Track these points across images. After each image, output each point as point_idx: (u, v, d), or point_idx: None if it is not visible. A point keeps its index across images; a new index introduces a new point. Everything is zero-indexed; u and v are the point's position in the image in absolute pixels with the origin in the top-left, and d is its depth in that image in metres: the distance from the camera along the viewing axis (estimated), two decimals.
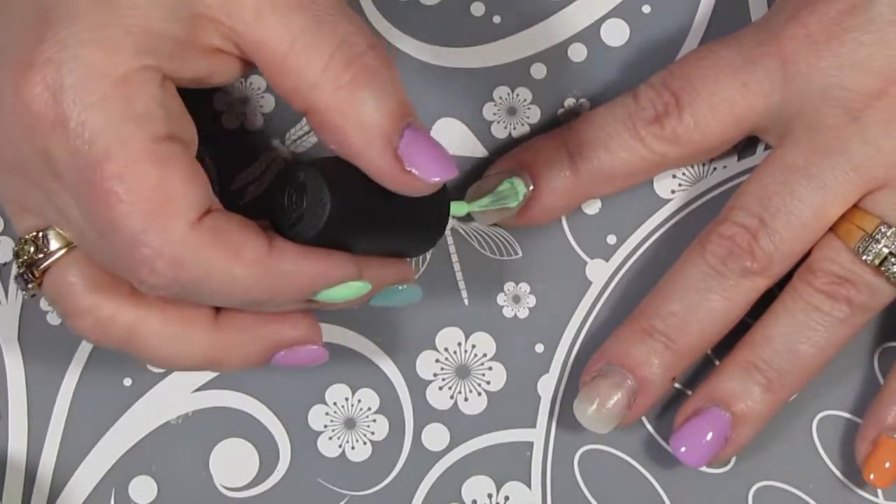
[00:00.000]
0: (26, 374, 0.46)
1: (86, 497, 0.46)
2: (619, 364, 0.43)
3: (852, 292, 0.42)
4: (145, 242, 0.35)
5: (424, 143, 0.37)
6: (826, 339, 0.43)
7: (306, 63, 0.36)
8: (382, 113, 0.37)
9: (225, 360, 0.39)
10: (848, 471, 0.46)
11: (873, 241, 0.42)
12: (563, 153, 0.44)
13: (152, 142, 0.35)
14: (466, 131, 0.47)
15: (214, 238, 0.36)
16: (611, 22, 0.47)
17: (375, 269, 0.39)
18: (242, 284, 0.36)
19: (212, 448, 0.46)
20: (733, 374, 0.43)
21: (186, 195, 0.35)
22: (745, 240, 0.42)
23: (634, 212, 0.47)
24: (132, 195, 0.35)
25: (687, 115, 0.43)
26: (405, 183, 0.37)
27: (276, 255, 0.37)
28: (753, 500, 0.46)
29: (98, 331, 0.38)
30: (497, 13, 0.47)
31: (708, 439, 0.43)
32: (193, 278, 0.36)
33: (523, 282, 0.46)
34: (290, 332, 0.40)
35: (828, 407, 0.46)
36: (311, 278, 0.37)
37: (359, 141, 0.37)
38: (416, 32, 0.47)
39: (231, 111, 0.47)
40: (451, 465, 0.46)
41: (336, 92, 0.36)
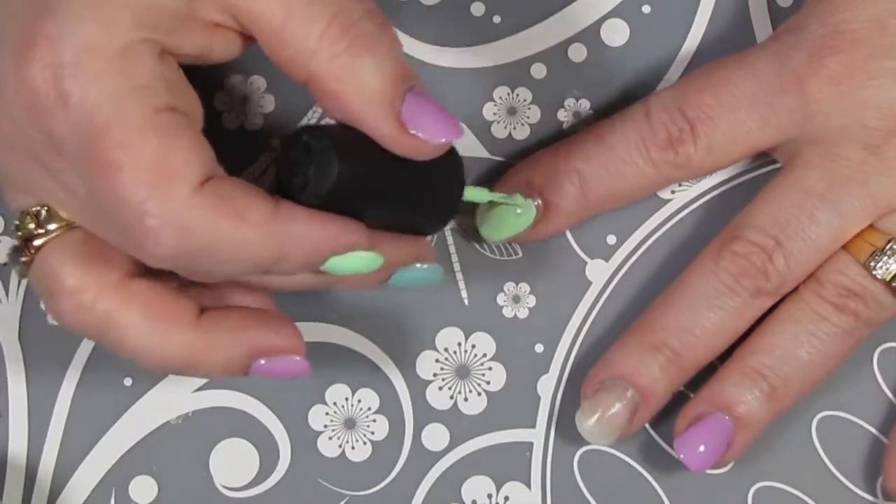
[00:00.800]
0: (26, 374, 0.46)
1: (86, 497, 0.46)
2: (623, 378, 0.43)
3: (860, 306, 0.43)
4: (149, 211, 0.35)
5: (427, 105, 0.37)
6: (831, 349, 0.43)
7: (303, 33, 0.36)
8: (382, 77, 0.36)
9: (203, 361, 0.38)
10: (848, 471, 0.46)
11: (884, 257, 0.42)
12: (574, 177, 0.44)
13: (153, 112, 0.35)
14: (466, 131, 0.47)
15: (219, 202, 0.35)
16: (611, 22, 0.47)
17: (389, 243, 0.39)
18: (249, 248, 0.36)
19: (212, 448, 0.46)
20: (737, 380, 0.43)
21: (188, 162, 0.35)
22: (760, 260, 0.43)
23: (634, 212, 0.46)
24: (133, 164, 0.35)
25: (702, 143, 0.43)
26: (410, 146, 0.37)
27: (283, 216, 0.36)
28: (753, 500, 0.46)
29: (78, 315, 0.38)
30: (497, 13, 0.47)
31: (711, 445, 0.43)
32: (201, 245, 0.35)
33: (523, 282, 0.46)
34: (272, 339, 0.39)
35: (828, 407, 0.46)
36: (318, 241, 0.37)
37: (360, 106, 0.37)
38: (416, 32, 0.47)
39: (231, 111, 0.47)
40: (451, 465, 0.46)
41: (334, 59, 0.36)
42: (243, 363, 0.39)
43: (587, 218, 0.46)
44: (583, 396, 0.44)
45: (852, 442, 0.45)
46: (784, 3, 0.47)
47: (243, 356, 0.39)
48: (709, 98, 0.43)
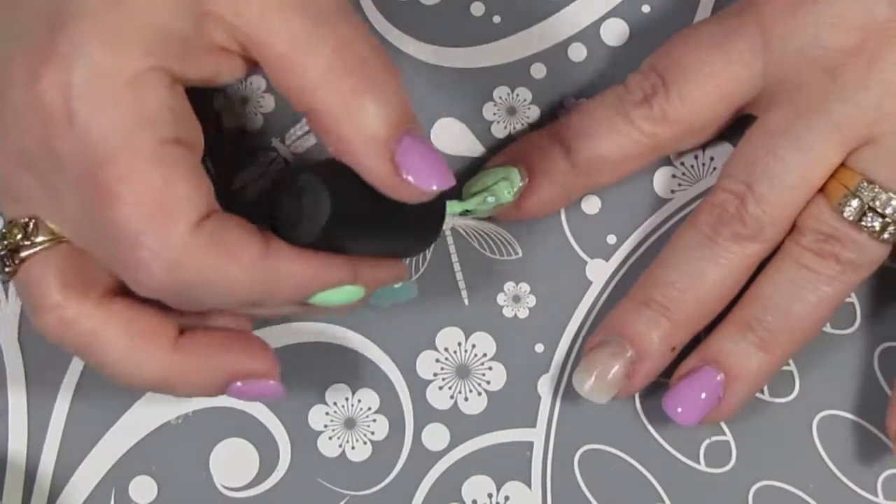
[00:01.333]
0: (26, 374, 0.46)
1: (86, 497, 0.46)
2: (618, 334, 0.44)
3: (838, 248, 0.42)
4: (144, 245, 0.35)
5: (422, 151, 0.37)
6: (817, 296, 0.43)
7: (309, 65, 0.37)
8: (381, 120, 0.37)
9: (179, 382, 0.39)
10: (848, 470, 0.46)
11: (853, 197, 0.42)
12: (557, 143, 0.44)
13: (158, 145, 0.35)
14: (466, 131, 0.47)
15: (212, 241, 0.36)
16: (611, 22, 0.47)
17: (370, 269, 0.39)
18: (238, 286, 0.37)
19: (212, 448, 0.46)
20: (726, 333, 0.43)
21: (189, 200, 0.36)
22: (733, 206, 0.43)
23: (634, 212, 0.47)
24: (135, 197, 0.35)
25: (674, 93, 0.43)
26: (401, 190, 0.38)
27: (273, 256, 0.37)
28: (753, 500, 0.46)
29: (60, 329, 0.38)
30: (497, 13, 0.47)
31: (701, 398, 0.43)
32: (190, 281, 0.36)
33: (523, 282, 0.46)
34: (248, 363, 0.40)
35: (828, 407, 0.46)
36: (306, 280, 0.38)
37: (357, 146, 0.37)
38: (416, 32, 0.47)
39: (231, 111, 0.47)
40: (451, 464, 0.46)
41: (337, 96, 0.37)
42: (220, 385, 0.39)
43: (580, 190, 0.45)
44: (582, 356, 0.44)
45: (853, 441, 0.45)
46: None
47: (220, 379, 0.39)
48: (676, 48, 0.44)
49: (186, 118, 0.37)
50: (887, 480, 0.46)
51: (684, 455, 0.46)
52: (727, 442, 0.46)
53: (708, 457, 0.46)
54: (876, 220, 0.42)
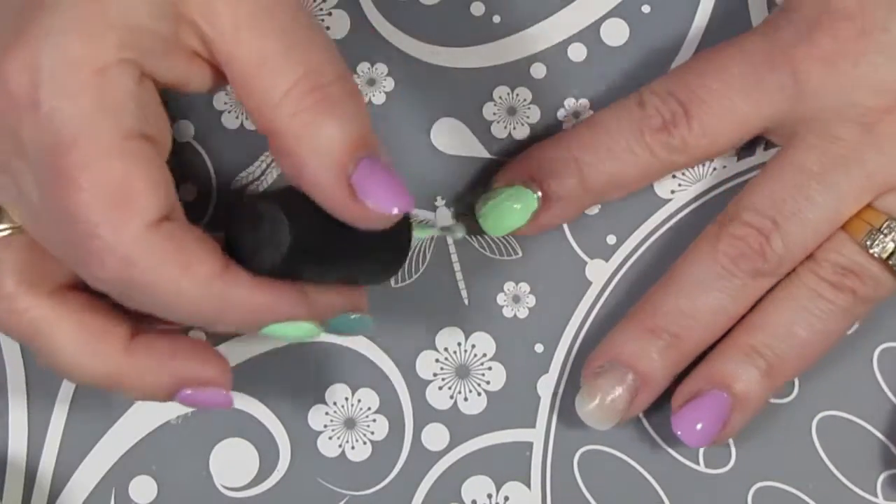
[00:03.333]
0: (26, 374, 0.46)
1: (86, 497, 0.46)
2: (623, 362, 0.44)
3: (857, 283, 0.43)
4: (99, 235, 0.35)
5: (381, 173, 0.37)
6: (827, 327, 0.43)
7: (271, 85, 0.36)
8: (338, 141, 0.36)
9: (127, 383, 0.38)
10: (848, 471, 0.46)
11: (881, 235, 0.42)
12: (571, 163, 0.44)
13: (121, 136, 0.35)
14: (466, 131, 0.47)
15: (168, 245, 0.35)
16: (611, 22, 0.47)
17: (328, 297, 0.39)
18: (188, 300, 0.36)
19: (212, 448, 0.46)
20: (734, 357, 0.43)
21: (147, 195, 0.35)
22: (757, 241, 0.43)
23: (634, 212, 0.47)
24: (93, 186, 0.35)
25: (696, 124, 0.43)
26: (358, 214, 0.37)
27: (228, 278, 0.36)
28: (753, 500, 0.46)
29: (10, 319, 0.38)
30: (497, 13, 0.47)
31: (708, 422, 0.43)
32: (140, 281, 0.36)
33: (523, 282, 0.46)
34: (198, 370, 0.39)
35: (828, 407, 0.46)
36: (258, 310, 0.37)
37: (313, 167, 0.36)
38: (416, 32, 0.47)
39: (231, 111, 0.47)
40: (451, 465, 0.46)
41: (294, 116, 0.36)
42: (168, 390, 0.39)
43: (588, 207, 0.46)
44: (583, 381, 0.44)
45: (852, 442, 0.45)
46: None
47: (169, 384, 0.39)
48: (700, 80, 0.43)
49: (155, 115, 0.37)
50: (887, 480, 0.46)
51: (684, 455, 0.46)
52: (727, 442, 0.46)
53: (707, 457, 0.46)
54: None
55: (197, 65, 0.37)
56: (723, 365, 0.43)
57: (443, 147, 0.47)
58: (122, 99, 0.35)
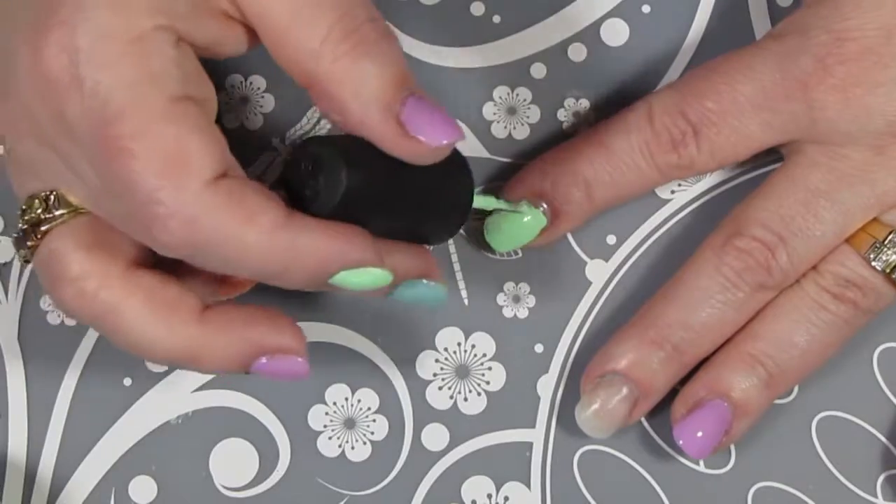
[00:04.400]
0: (26, 374, 0.46)
1: (86, 497, 0.46)
2: (623, 373, 0.44)
3: (859, 296, 0.43)
4: (159, 200, 0.35)
5: (428, 108, 0.37)
6: (829, 338, 0.43)
7: (306, 35, 0.36)
8: (381, 81, 0.36)
9: (204, 356, 0.38)
10: (848, 471, 0.46)
11: (884, 248, 0.42)
12: (581, 184, 0.44)
13: (168, 101, 0.35)
14: (466, 131, 0.47)
15: (230, 200, 0.35)
16: (611, 22, 0.47)
17: (398, 256, 0.39)
18: (255, 252, 0.36)
19: (212, 448, 0.46)
20: (735, 366, 0.43)
21: (202, 154, 0.35)
22: (763, 256, 0.43)
23: (634, 212, 0.47)
24: (147, 153, 0.35)
25: (704, 146, 0.43)
26: (411, 149, 0.37)
27: (294, 226, 0.36)
28: (753, 500, 0.46)
29: (79, 301, 0.38)
30: (497, 13, 0.47)
31: (710, 431, 0.43)
32: (206, 240, 0.35)
33: (523, 282, 0.46)
34: (276, 338, 0.39)
35: (828, 407, 0.46)
36: (327, 256, 0.37)
37: (359, 110, 0.37)
38: (416, 32, 0.47)
39: (231, 111, 0.47)
40: (451, 465, 0.46)
41: (334, 63, 0.36)
42: (245, 360, 0.38)
43: (591, 219, 0.46)
44: (582, 390, 0.44)
45: (852, 442, 0.45)
46: (784, 2, 0.47)
47: (246, 353, 0.38)
48: (711, 102, 0.43)
49: (197, 77, 0.37)
50: (886, 481, 0.46)
51: (684, 456, 0.46)
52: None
53: (707, 458, 0.46)
54: None
55: (230, 26, 0.37)
56: (724, 374, 0.43)
57: None
58: (162, 65, 0.35)
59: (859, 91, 0.42)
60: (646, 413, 0.44)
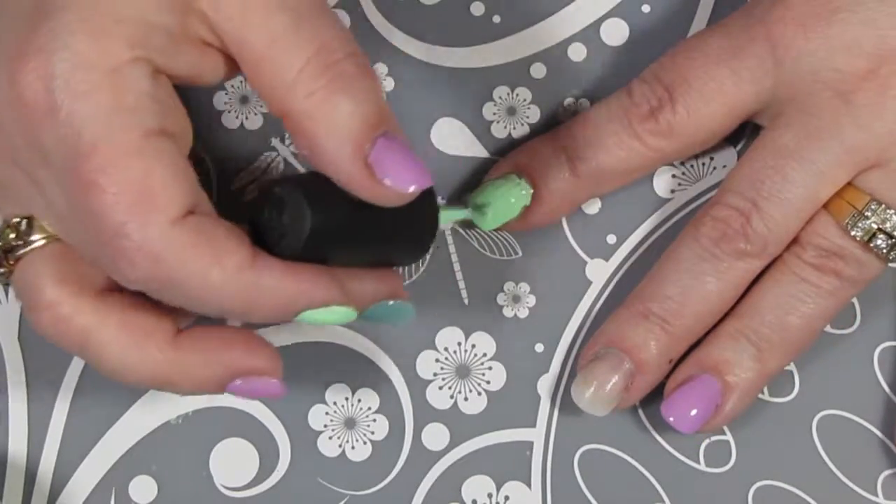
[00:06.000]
0: (26, 374, 0.46)
1: (86, 497, 0.46)
2: (616, 347, 0.44)
3: (840, 265, 0.43)
4: (125, 235, 0.35)
5: (398, 151, 0.37)
6: (814, 310, 0.43)
7: (283, 65, 0.36)
8: (354, 119, 0.36)
9: (179, 379, 0.38)
10: (848, 470, 0.46)
11: (862, 217, 0.42)
12: (561, 155, 0.44)
13: (140, 135, 0.35)
14: (466, 131, 0.47)
15: (196, 239, 0.36)
16: (611, 22, 0.47)
17: (364, 283, 0.39)
18: (220, 291, 0.36)
19: (212, 448, 0.46)
20: (723, 343, 0.44)
21: (169, 192, 0.35)
22: (738, 222, 0.43)
23: (634, 212, 0.47)
24: (115, 187, 0.35)
25: (680, 107, 0.43)
26: (376, 192, 0.37)
27: (258, 267, 0.36)
28: (753, 500, 0.46)
29: (56, 327, 0.38)
30: (497, 13, 0.47)
31: (699, 406, 0.43)
32: (171, 277, 0.36)
33: (523, 282, 0.46)
34: (248, 360, 0.39)
35: (828, 407, 0.46)
36: (292, 297, 0.37)
37: (330, 147, 0.36)
38: (416, 32, 0.47)
39: (231, 111, 0.47)
40: (451, 464, 0.46)
41: (309, 97, 0.36)
42: (220, 382, 0.39)
43: (582, 200, 0.46)
44: (579, 367, 0.44)
45: (852, 441, 0.45)
46: None
47: (220, 376, 0.39)
48: (683, 61, 0.43)
49: (172, 110, 0.37)
50: (887, 480, 0.46)
51: (684, 455, 0.46)
52: (727, 442, 0.46)
53: (708, 456, 0.46)
54: (885, 241, 0.42)
55: (208, 55, 0.37)
56: (712, 350, 0.44)
57: (443, 147, 0.47)
58: (137, 97, 0.35)
59: (816, 21, 0.42)
60: (644, 392, 0.44)
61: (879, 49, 0.42)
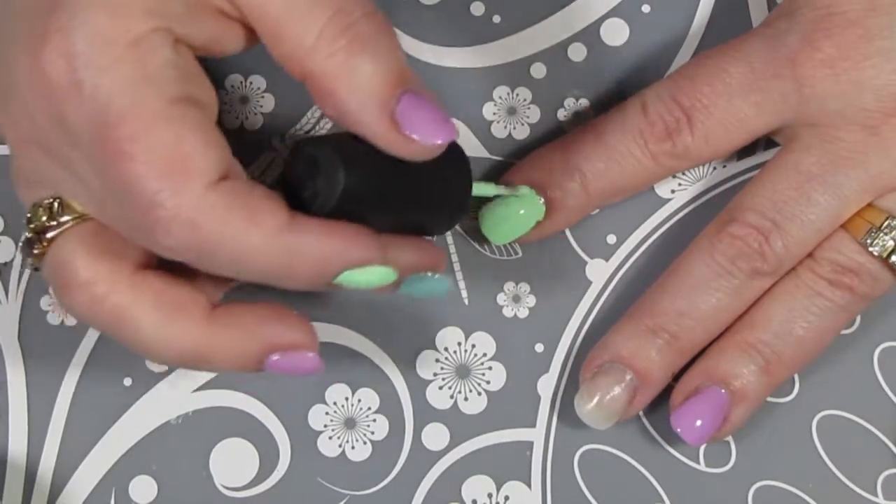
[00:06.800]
0: (26, 374, 0.46)
1: (86, 497, 0.46)
2: (622, 362, 0.44)
3: (855, 282, 0.43)
4: (160, 203, 0.35)
5: (424, 105, 0.37)
6: (825, 324, 0.43)
7: (302, 29, 0.36)
8: (378, 77, 0.36)
9: (215, 355, 0.38)
10: (848, 470, 0.46)
11: (881, 234, 0.42)
12: (575, 172, 0.44)
13: (167, 103, 0.35)
14: (466, 131, 0.47)
15: (232, 202, 0.35)
16: (611, 22, 0.47)
17: (402, 251, 0.39)
18: (259, 254, 0.36)
19: (212, 448, 0.46)
20: (733, 354, 0.43)
21: (203, 156, 0.35)
22: (756, 241, 0.43)
23: (634, 212, 0.47)
24: (147, 156, 0.35)
25: (699, 132, 0.43)
26: (405, 147, 0.37)
27: (297, 227, 0.36)
28: (753, 500, 0.46)
29: (90, 307, 0.38)
30: (497, 13, 0.47)
31: (708, 418, 0.43)
32: (209, 242, 0.35)
33: (523, 282, 0.46)
34: (287, 334, 0.38)
35: (828, 407, 0.46)
36: (331, 256, 0.37)
37: (355, 106, 0.36)
38: (416, 32, 0.47)
39: (231, 111, 0.47)
40: (451, 464, 0.46)
41: (331, 58, 0.36)
42: (257, 358, 0.38)
43: (590, 212, 0.46)
44: (581, 380, 0.44)
45: (852, 441, 0.45)
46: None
47: (257, 350, 0.38)
48: (703, 87, 0.43)
49: (196, 78, 0.37)
50: (887, 480, 0.46)
51: (684, 455, 0.46)
52: (727, 442, 0.46)
53: (708, 457, 0.46)
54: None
55: (227, 24, 0.37)
56: (721, 362, 0.44)
57: None
58: (161, 67, 0.35)
59: (847, 65, 0.42)
60: (646, 405, 0.44)
61: None
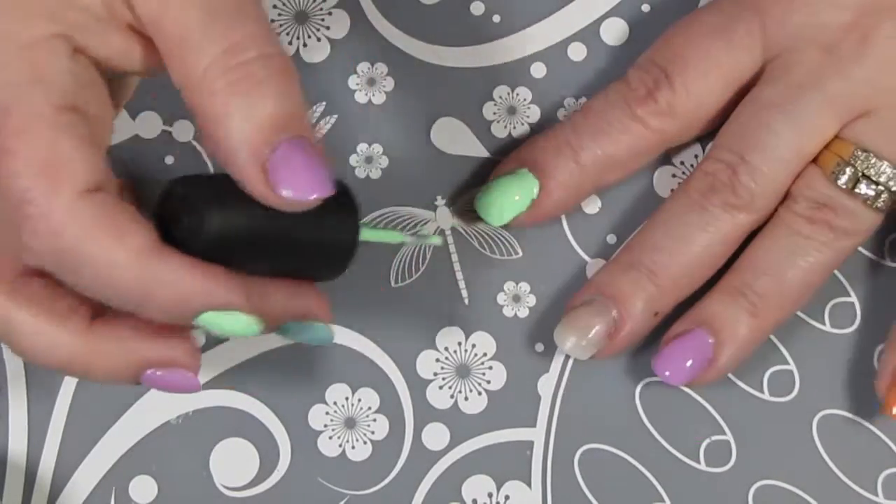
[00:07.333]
0: (26, 374, 0.46)
1: (86, 497, 0.46)
2: (602, 294, 0.44)
3: (831, 216, 0.43)
4: (30, 200, 0.35)
5: (300, 157, 0.35)
6: (809, 263, 0.43)
7: (192, 62, 0.35)
8: (250, 124, 0.35)
9: (91, 367, 0.38)
10: (848, 470, 0.46)
11: (847, 166, 0.42)
12: (566, 147, 0.44)
13: (52, 107, 0.35)
14: (466, 131, 0.47)
15: (100, 214, 0.35)
16: (610, 21, 0.47)
17: (277, 298, 0.38)
18: (119, 273, 0.35)
19: (212, 448, 0.46)
20: (717, 298, 0.44)
21: (76, 164, 0.35)
22: (725, 175, 0.43)
23: (634, 211, 0.47)
24: (25, 152, 0.35)
25: (678, 85, 0.44)
26: (274, 199, 0.35)
27: (162, 254, 0.35)
28: (753, 500, 0.46)
29: None
30: (497, 13, 0.47)
31: (690, 359, 0.43)
32: (73, 251, 0.35)
33: (523, 281, 0.46)
34: (163, 351, 0.38)
35: (828, 406, 0.46)
36: (191, 292, 0.36)
37: (227, 151, 0.35)
38: (416, 32, 0.47)
39: None
40: (452, 464, 0.46)
41: (211, 97, 0.35)
42: (133, 372, 0.38)
43: (588, 193, 0.46)
44: (564, 312, 0.45)
45: (853, 440, 0.45)
46: None
47: (132, 366, 0.38)
48: (677, 39, 0.44)
49: (92, 90, 0.36)
50: (887, 480, 0.46)
51: (684, 454, 0.46)
52: (727, 441, 0.46)
53: (708, 456, 0.46)
54: (870, 188, 0.42)
55: (134, 41, 0.37)
56: (706, 306, 0.44)
57: (443, 147, 0.47)
58: (53, 72, 0.35)
59: None
60: (629, 343, 0.44)
61: (861, 1, 0.42)
